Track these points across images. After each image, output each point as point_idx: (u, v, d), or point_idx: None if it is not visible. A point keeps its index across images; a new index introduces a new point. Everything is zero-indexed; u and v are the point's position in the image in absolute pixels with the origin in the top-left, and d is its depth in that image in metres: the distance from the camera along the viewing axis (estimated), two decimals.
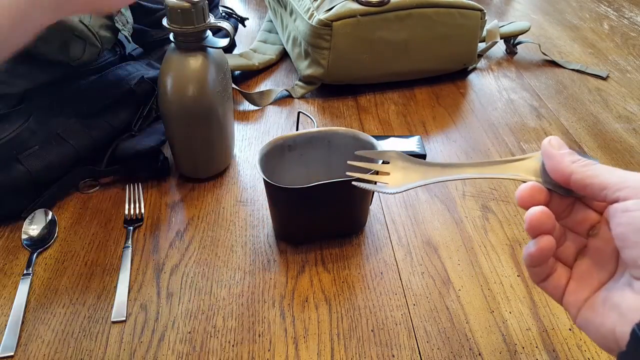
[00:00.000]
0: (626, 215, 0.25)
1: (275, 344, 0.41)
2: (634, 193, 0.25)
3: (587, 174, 0.27)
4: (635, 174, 0.26)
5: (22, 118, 0.49)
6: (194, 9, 0.47)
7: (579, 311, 0.28)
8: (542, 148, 0.30)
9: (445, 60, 0.77)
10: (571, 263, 0.30)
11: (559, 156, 0.28)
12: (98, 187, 0.56)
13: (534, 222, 0.28)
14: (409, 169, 0.32)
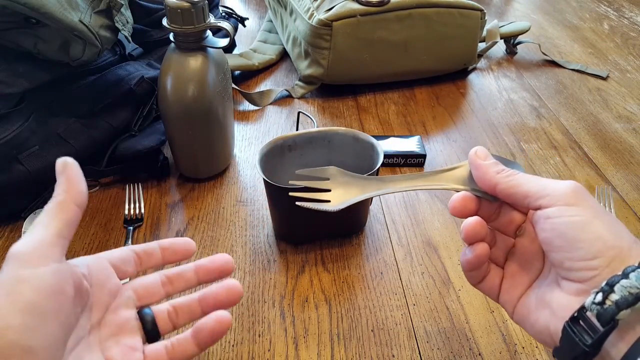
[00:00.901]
0: (549, 222, 0.27)
1: (275, 344, 0.41)
2: (555, 200, 0.27)
3: (511, 184, 0.29)
4: (555, 182, 0.28)
5: (22, 118, 0.49)
6: (194, 9, 0.47)
7: (514, 309, 0.30)
8: (469, 159, 0.32)
9: (446, 60, 0.77)
10: (502, 263, 0.33)
11: (484, 167, 0.30)
12: (98, 187, 0.56)
13: (470, 232, 0.30)
14: (349, 184, 0.33)
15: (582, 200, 0.27)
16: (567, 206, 0.26)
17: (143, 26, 0.67)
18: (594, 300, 0.24)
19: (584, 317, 0.24)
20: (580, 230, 0.26)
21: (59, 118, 0.53)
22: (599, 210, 0.27)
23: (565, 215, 0.26)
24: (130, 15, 0.57)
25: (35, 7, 0.45)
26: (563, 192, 0.27)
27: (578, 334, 0.24)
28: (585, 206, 0.26)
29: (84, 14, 0.49)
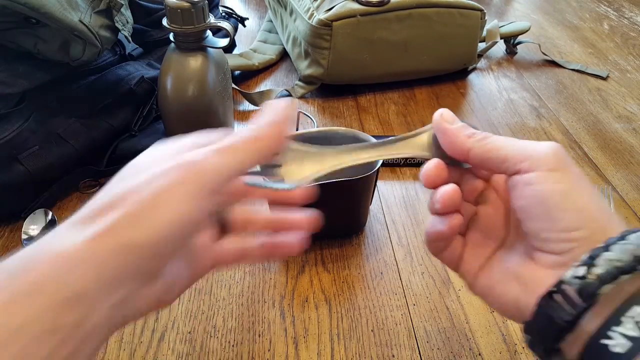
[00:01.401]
0: (529, 188, 0.25)
1: (275, 344, 0.41)
2: (536, 165, 0.25)
3: (486, 148, 0.27)
4: (534, 143, 0.26)
5: (22, 118, 0.49)
6: (193, 9, 0.47)
7: (476, 280, 0.28)
8: (434, 123, 0.29)
9: (445, 60, 0.77)
10: (464, 231, 0.30)
11: (453, 131, 0.28)
12: (98, 187, 0.56)
13: (448, 201, 0.27)
14: (302, 158, 0.29)
15: (565, 165, 0.25)
16: (550, 171, 0.24)
17: (143, 26, 0.67)
18: (576, 274, 0.22)
19: (563, 292, 0.22)
20: (563, 199, 0.24)
21: (59, 118, 0.53)
22: (581, 176, 0.25)
23: (548, 181, 0.24)
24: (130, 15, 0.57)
25: (35, 7, 0.45)
26: (545, 156, 0.25)
27: (556, 309, 0.23)
28: (568, 172, 0.24)
29: (84, 14, 0.49)
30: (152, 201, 0.22)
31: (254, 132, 0.25)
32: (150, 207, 0.21)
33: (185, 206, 0.22)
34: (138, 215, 0.21)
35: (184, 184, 0.22)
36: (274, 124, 0.26)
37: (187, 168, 0.22)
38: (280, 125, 0.26)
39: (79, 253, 0.20)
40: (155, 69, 0.64)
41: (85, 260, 0.20)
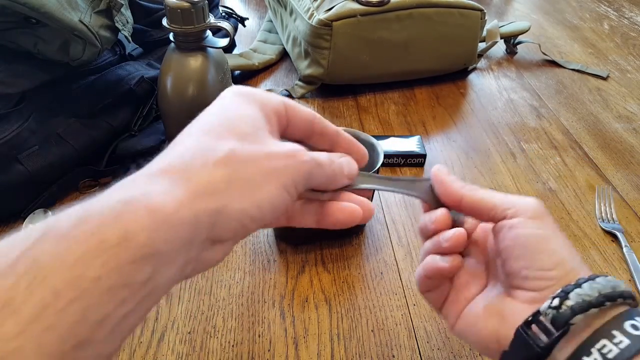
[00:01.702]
0: (512, 231, 0.28)
1: (275, 344, 0.41)
2: (520, 212, 0.28)
3: (476, 198, 0.30)
4: (519, 196, 0.30)
5: (22, 118, 0.49)
6: (193, 9, 0.47)
7: (457, 320, 0.31)
8: (432, 175, 0.32)
9: (446, 60, 0.77)
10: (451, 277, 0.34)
11: (449, 182, 0.31)
12: (98, 187, 0.56)
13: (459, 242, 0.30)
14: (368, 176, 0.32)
15: (545, 216, 0.29)
16: (532, 219, 0.28)
17: (143, 26, 0.67)
18: (550, 305, 0.25)
19: (538, 321, 0.25)
20: (542, 243, 0.27)
21: (58, 118, 0.53)
22: (557, 229, 0.29)
23: (529, 227, 0.28)
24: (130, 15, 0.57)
25: (35, 6, 0.45)
26: (527, 205, 0.29)
27: (531, 337, 0.25)
28: (547, 222, 0.28)
29: (84, 13, 0.49)
30: (254, 180, 0.23)
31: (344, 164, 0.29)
32: (253, 185, 0.23)
33: (280, 193, 0.24)
34: (240, 186, 0.23)
35: (285, 175, 0.24)
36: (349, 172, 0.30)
37: (295, 164, 0.25)
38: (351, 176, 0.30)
39: (171, 210, 0.20)
40: (155, 69, 0.64)
41: (175, 219, 0.20)
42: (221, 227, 0.22)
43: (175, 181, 0.21)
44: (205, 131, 0.24)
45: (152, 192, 0.20)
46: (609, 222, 0.53)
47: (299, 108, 0.28)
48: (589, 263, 0.48)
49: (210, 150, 0.23)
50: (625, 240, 0.50)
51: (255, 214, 0.23)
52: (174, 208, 0.20)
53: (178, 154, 0.23)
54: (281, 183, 0.24)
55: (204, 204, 0.21)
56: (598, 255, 0.49)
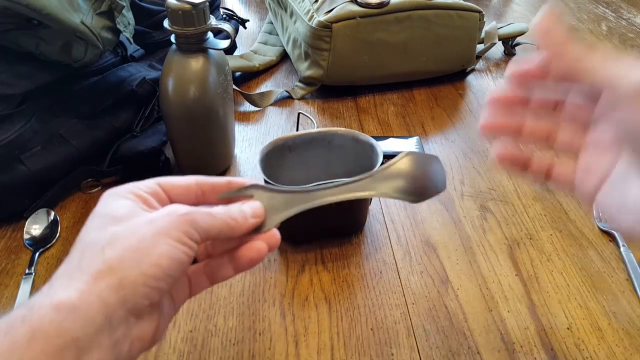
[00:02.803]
0: (618, 122, 0.25)
1: (276, 342, 0.41)
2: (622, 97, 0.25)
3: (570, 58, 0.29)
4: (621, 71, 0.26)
5: (24, 119, 0.50)
6: (195, 11, 0.47)
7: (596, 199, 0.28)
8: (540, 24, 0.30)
9: (444, 61, 0.77)
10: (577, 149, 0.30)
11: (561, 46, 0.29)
12: (100, 187, 0.56)
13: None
14: (274, 199, 0.32)
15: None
16: None
17: (144, 28, 0.67)
18: None
19: None
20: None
21: (61, 119, 0.53)
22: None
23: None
24: (132, 16, 0.57)
25: (37, 8, 0.45)
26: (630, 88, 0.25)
27: None
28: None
29: (86, 15, 0.50)
30: (143, 245, 0.25)
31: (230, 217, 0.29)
32: (143, 249, 0.25)
33: (174, 246, 0.25)
34: (132, 256, 0.24)
35: (171, 230, 0.26)
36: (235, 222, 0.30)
37: (175, 218, 0.26)
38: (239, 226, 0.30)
39: (75, 299, 0.22)
40: (157, 71, 0.64)
41: (80, 305, 0.22)
42: (132, 298, 0.24)
43: (73, 277, 0.24)
44: (87, 232, 0.26)
45: (54, 292, 0.23)
46: (606, 222, 0.53)
47: (175, 179, 0.31)
48: (586, 263, 0.49)
49: (95, 242, 0.25)
50: (622, 240, 0.51)
51: (156, 272, 0.24)
52: (77, 296, 0.23)
53: (69, 259, 0.25)
54: (171, 238, 0.25)
55: (104, 283, 0.23)
56: (596, 255, 0.50)
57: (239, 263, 0.31)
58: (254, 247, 0.31)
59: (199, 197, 0.31)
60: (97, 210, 0.28)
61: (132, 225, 0.26)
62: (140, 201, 0.28)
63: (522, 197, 0.57)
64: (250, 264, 0.31)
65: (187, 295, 0.32)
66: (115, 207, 0.27)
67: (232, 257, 0.31)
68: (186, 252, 0.26)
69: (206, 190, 0.32)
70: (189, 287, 0.32)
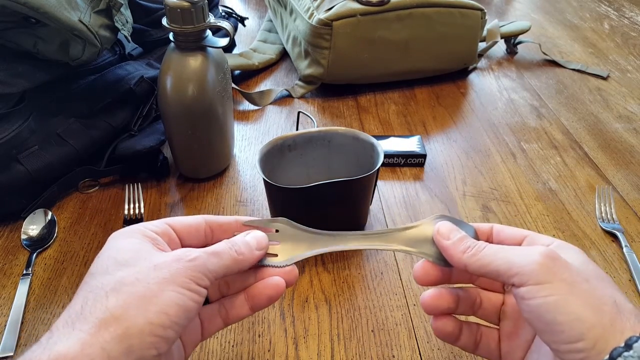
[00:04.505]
0: (524, 303, 0.25)
1: (275, 344, 0.41)
2: (524, 279, 0.25)
3: (479, 264, 0.28)
4: (521, 253, 0.26)
5: (22, 118, 0.49)
6: (193, 9, 0.47)
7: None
8: (434, 237, 0.31)
9: (446, 60, 0.77)
10: (497, 322, 0.32)
11: (450, 249, 0.29)
12: (97, 187, 0.56)
13: (428, 306, 0.31)
14: (298, 237, 0.32)
15: (553, 274, 0.25)
16: (539, 285, 0.25)
17: (143, 26, 0.66)
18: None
19: None
20: (556, 312, 0.24)
21: (58, 118, 0.53)
22: (575, 280, 0.25)
23: (538, 296, 0.25)
24: (130, 14, 0.57)
25: (35, 6, 0.45)
26: (531, 269, 0.25)
27: None
28: (558, 280, 0.25)
29: (84, 13, 0.49)
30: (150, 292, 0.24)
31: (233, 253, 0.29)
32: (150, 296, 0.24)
33: (182, 293, 0.25)
34: (137, 304, 0.23)
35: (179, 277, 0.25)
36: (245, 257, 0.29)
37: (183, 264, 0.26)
38: (248, 260, 0.30)
39: (76, 352, 0.21)
40: (155, 69, 0.63)
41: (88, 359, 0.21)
42: (139, 349, 0.23)
43: (74, 326, 0.22)
44: (92, 276, 0.25)
45: (54, 344, 0.22)
46: (609, 222, 0.53)
47: (184, 219, 0.30)
48: None
49: (99, 288, 0.24)
50: (625, 240, 0.50)
51: (164, 320, 0.24)
52: (78, 350, 0.21)
53: (72, 305, 0.24)
54: (179, 284, 0.25)
55: (108, 334, 0.22)
56: (598, 256, 0.49)
57: (255, 301, 0.30)
58: (271, 284, 0.30)
59: (208, 236, 0.31)
60: (103, 252, 0.27)
61: (138, 270, 0.25)
62: (149, 241, 0.27)
63: (525, 197, 0.56)
64: (269, 301, 0.30)
65: (199, 339, 0.31)
66: (122, 249, 0.26)
67: (248, 295, 0.30)
68: (194, 299, 0.25)
69: (215, 229, 0.31)
70: (201, 330, 0.31)
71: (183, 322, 0.25)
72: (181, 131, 0.53)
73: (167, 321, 0.24)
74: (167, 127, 0.54)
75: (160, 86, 0.51)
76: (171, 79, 0.50)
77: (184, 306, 0.24)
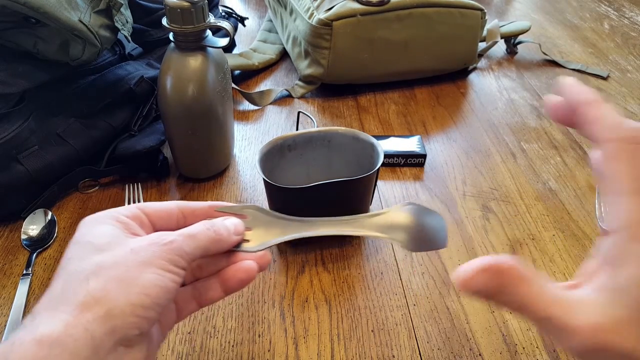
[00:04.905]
0: None
1: (275, 344, 0.41)
2: None
3: None
4: None
5: (22, 118, 0.49)
6: (193, 9, 0.47)
7: None
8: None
9: (446, 60, 0.77)
10: None
11: None
12: (97, 187, 0.56)
13: None
14: (270, 223, 0.32)
15: None
16: None
17: (143, 26, 0.66)
18: None
19: None
20: None
21: (58, 118, 0.53)
22: None
23: None
24: (130, 14, 0.57)
25: (35, 6, 0.45)
26: None
27: None
28: None
29: (84, 13, 0.49)
30: (129, 274, 0.24)
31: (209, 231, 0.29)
32: (130, 279, 0.24)
33: (161, 274, 0.25)
34: (118, 285, 0.24)
35: (156, 259, 0.26)
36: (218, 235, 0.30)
37: (159, 247, 0.26)
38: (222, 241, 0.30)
39: (59, 333, 0.22)
40: (155, 69, 0.63)
41: (65, 339, 0.22)
42: (122, 328, 0.23)
43: (56, 308, 0.23)
44: (68, 261, 0.26)
45: (37, 326, 0.22)
46: None
47: (156, 204, 0.31)
48: None
49: (78, 272, 0.24)
50: None
51: (145, 301, 0.24)
52: (61, 330, 0.22)
53: (51, 289, 0.24)
54: (157, 266, 0.25)
55: (91, 315, 0.22)
56: None
57: (228, 284, 0.31)
58: (243, 268, 0.30)
59: (180, 221, 0.31)
60: (76, 238, 0.27)
61: (115, 255, 0.25)
62: (122, 227, 0.28)
63: (525, 197, 0.56)
64: (240, 284, 0.31)
65: (175, 320, 0.31)
66: (97, 235, 0.27)
67: (221, 279, 0.31)
68: (173, 279, 0.26)
69: (187, 215, 0.32)
70: (176, 311, 0.31)
71: (163, 302, 0.25)
72: (181, 131, 0.53)
73: (149, 302, 0.24)
74: (167, 127, 0.54)
75: (160, 86, 0.51)
76: (171, 79, 0.50)
77: (164, 287, 0.25)
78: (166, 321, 0.31)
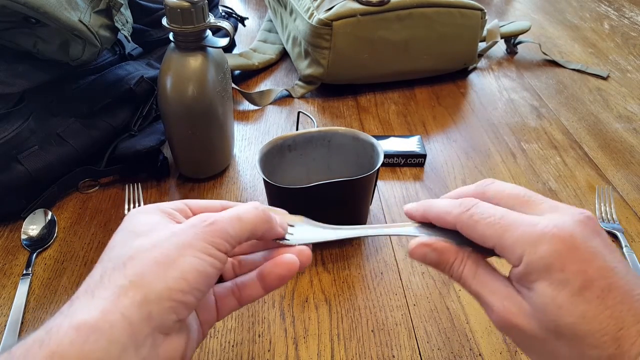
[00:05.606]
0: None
1: (275, 344, 0.41)
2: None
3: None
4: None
5: (22, 118, 0.49)
6: (193, 9, 0.47)
7: None
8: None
9: (446, 60, 0.77)
10: None
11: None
12: (97, 187, 0.56)
13: None
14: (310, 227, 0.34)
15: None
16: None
17: (143, 26, 0.66)
18: None
19: None
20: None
21: (58, 118, 0.53)
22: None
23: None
24: (130, 14, 0.57)
25: (35, 6, 0.45)
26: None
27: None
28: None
29: (84, 13, 0.49)
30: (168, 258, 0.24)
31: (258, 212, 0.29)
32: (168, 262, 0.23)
33: (201, 258, 0.24)
34: (156, 270, 0.23)
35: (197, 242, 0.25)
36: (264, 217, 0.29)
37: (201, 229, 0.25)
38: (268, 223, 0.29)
39: (97, 319, 0.21)
40: (155, 69, 0.63)
41: (103, 325, 0.21)
42: (158, 313, 0.23)
43: (94, 294, 0.22)
44: (109, 248, 0.26)
45: (74, 312, 0.22)
46: (609, 222, 0.53)
47: (201, 201, 0.31)
48: None
49: (117, 258, 0.24)
50: (625, 240, 0.50)
51: (183, 286, 0.23)
52: (99, 316, 0.21)
53: (92, 275, 0.24)
54: (197, 249, 0.24)
55: (127, 301, 0.22)
56: None
57: (266, 281, 0.30)
58: (283, 262, 0.29)
59: None
60: (120, 227, 0.27)
61: (154, 238, 0.25)
62: (166, 216, 0.27)
63: None
64: (280, 281, 0.30)
65: (215, 318, 0.31)
66: (140, 223, 0.26)
67: (260, 275, 0.30)
68: (213, 264, 0.25)
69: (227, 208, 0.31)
70: (216, 309, 0.31)
71: (203, 288, 0.24)
72: (181, 131, 0.53)
73: (187, 286, 0.23)
74: (167, 127, 0.54)
75: (160, 86, 0.51)
76: (171, 79, 0.50)
77: (203, 272, 0.24)
78: (205, 317, 0.30)
